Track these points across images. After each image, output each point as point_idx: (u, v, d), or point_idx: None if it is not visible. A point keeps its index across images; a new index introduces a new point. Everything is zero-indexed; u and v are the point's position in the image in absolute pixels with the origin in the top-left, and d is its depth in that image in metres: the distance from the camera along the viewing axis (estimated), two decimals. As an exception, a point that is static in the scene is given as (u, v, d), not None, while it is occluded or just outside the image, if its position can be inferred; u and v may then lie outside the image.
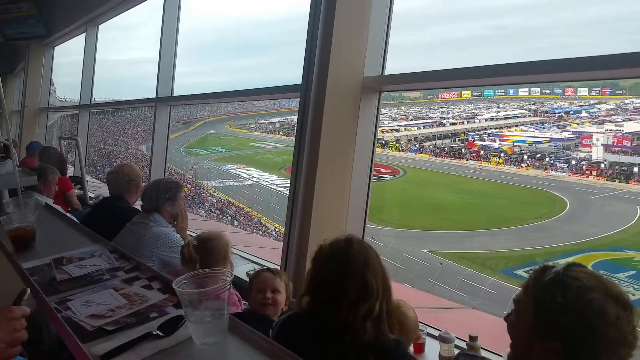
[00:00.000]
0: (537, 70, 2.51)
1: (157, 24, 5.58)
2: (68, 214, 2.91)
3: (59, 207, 3.29)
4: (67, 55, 9.98)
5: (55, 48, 9.60)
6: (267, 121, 49.56)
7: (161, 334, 1.05)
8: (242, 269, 3.59)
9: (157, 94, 5.52)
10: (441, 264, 20.17)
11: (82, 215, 3.84)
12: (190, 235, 3.31)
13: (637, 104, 33.95)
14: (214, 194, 34.52)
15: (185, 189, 33.56)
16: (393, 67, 3.38)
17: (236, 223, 28.83)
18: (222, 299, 1.03)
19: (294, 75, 3.47)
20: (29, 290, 1.05)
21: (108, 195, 3.78)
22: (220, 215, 30.44)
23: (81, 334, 1.08)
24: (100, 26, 7.78)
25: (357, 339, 1.49)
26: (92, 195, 5.53)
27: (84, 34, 7.84)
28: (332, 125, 3.23)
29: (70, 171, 5.94)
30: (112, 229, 2.79)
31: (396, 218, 25.27)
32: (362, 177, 3.40)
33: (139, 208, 3.37)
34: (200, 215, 24.26)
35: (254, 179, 35.77)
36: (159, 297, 1.27)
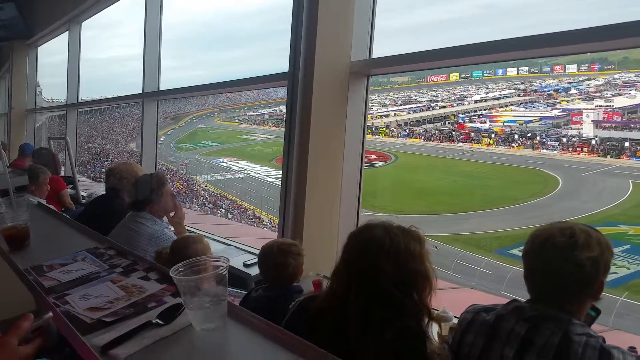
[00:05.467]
0: (525, 46, 2.52)
1: (140, 20, 5.54)
2: (62, 213, 2.90)
3: (51, 207, 3.28)
4: (52, 55, 9.89)
5: (39, 48, 9.49)
6: (256, 113, 49.27)
7: (161, 322, 1.06)
8: (238, 260, 3.60)
9: (143, 90, 5.49)
10: (436, 247, 20.27)
11: (76, 214, 3.83)
12: (188, 230, 3.31)
13: (627, 79, 34.08)
14: (206, 188, 34.44)
15: (178, 184, 33.45)
16: (380, 51, 3.37)
17: (230, 216, 28.81)
18: (220, 284, 1.03)
19: (282, 64, 3.45)
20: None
21: (100, 193, 3.78)
22: (214, 209, 30.40)
23: (81, 327, 1.08)
24: (83, 25, 7.70)
25: (377, 338, 1.36)
26: (85, 194, 5.50)
27: (67, 32, 7.76)
28: (322, 112, 3.23)
29: (61, 171, 5.91)
30: (108, 225, 2.78)
31: (389, 204, 25.34)
32: (353, 162, 3.41)
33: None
34: (194, 210, 24.22)
35: (246, 172, 35.70)
36: (157, 287, 1.28)
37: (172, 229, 2.96)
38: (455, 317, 2.30)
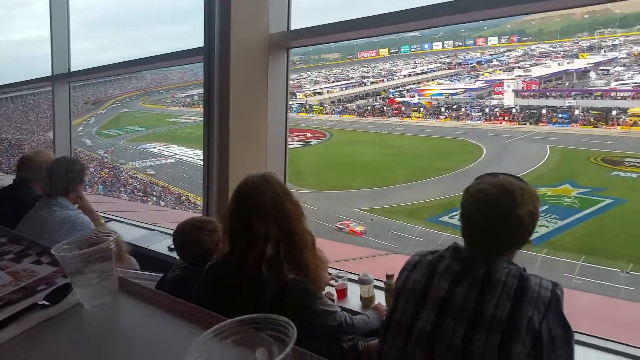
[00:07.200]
0: (447, 12, 2.54)
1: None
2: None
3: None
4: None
5: None
6: (185, 94, 47.63)
7: (47, 303, 1.00)
8: (162, 245, 3.52)
9: (53, 72, 5.14)
10: (372, 220, 20.83)
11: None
12: (104, 217, 3.17)
13: (542, 49, 36.21)
14: (134, 175, 33.07)
15: (103, 173, 31.98)
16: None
17: (163, 203, 27.93)
18: (107, 260, 0.99)
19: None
20: None
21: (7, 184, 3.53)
22: (145, 198, 29.29)
23: (-41, 318, 1.00)
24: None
25: (253, 283, 1.50)
26: (-6, 187, 5.11)
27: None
28: (241, 86, 3.16)
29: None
30: (13, 216, 2.60)
31: (326, 181, 25.62)
32: (277, 137, 3.38)
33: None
34: (122, 200, 23.28)
35: (177, 156, 34.64)
36: (49, 270, 1.20)
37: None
38: (376, 279, 2.37)
